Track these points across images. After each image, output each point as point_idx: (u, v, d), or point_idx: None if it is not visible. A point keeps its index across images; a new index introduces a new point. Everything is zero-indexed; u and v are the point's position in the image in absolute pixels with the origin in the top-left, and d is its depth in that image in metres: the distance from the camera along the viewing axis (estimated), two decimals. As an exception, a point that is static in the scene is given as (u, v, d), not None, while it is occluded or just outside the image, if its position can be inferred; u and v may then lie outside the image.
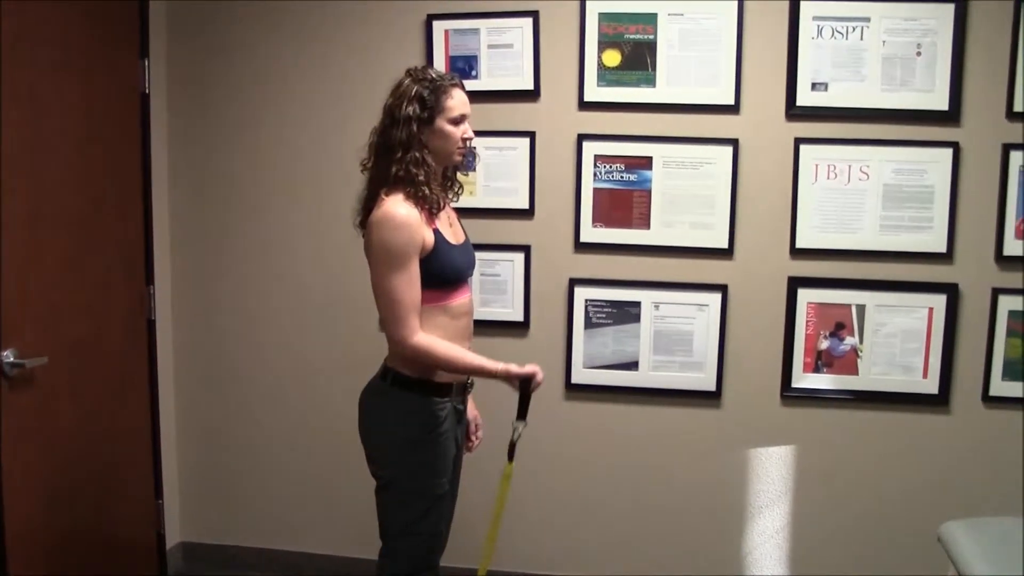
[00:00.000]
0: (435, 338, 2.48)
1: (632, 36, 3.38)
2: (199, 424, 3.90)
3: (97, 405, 3.31)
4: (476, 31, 3.48)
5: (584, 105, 3.43)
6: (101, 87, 3.31)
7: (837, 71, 3.29)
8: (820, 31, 3.28)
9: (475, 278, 2.73)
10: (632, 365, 3.51)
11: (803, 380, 3.42)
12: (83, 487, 3.26)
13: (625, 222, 3.45)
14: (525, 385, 2.57)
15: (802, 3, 3.27)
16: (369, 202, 2.56)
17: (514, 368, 2.55)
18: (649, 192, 3.43)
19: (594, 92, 3.42)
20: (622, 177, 3.43)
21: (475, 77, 3.47)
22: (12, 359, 2.84)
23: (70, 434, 3.17)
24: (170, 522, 3.84)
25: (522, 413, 2.60)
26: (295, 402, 3.81)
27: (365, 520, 2.76)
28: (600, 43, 3.40)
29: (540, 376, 2.58)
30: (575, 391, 3.57)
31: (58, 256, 3.09)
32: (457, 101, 2.54)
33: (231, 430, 3.88)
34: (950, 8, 3.20)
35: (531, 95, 3.47)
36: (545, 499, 3.65)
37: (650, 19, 3.36)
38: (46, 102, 3.02)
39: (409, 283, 2.43)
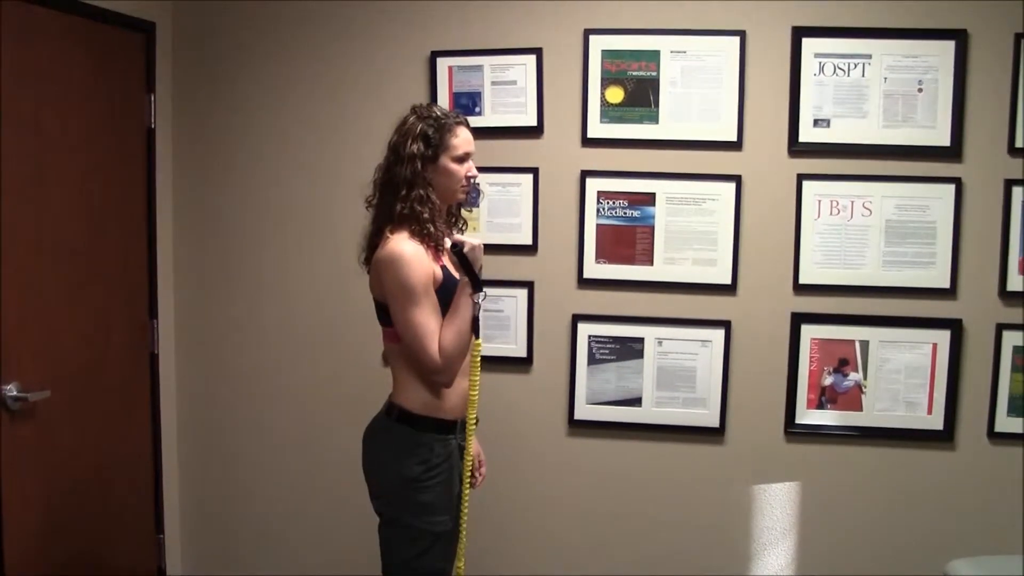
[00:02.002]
0: (441, 336, 2.45)
1: (635, 73, 3.40)
2: (201, 458, 3.89)
3: (98, 438, 3.31)
4: (480, 68, 3.50)
5: (587, 141, 3.45)
6: (107, 121, 3.33)
7: (839, 107, 3.31)
8: (822, 68, 3.30)
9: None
10: (635, 401, 3.50)
11: (807, 416, 3.41)
12: (84, 520, 3.25)
13: (628, 258, 3.46)
14: (460, 254, 2.47)
15: (804, 40, 3.30)
16: (374, 239, 2.56)
17: (452, 261, 2.54)
18: (652, 228, 3.43)
19: (597, 128, 3.44)
20: (625, 213, 3.44)
21: (479, 113, 3.49)
22: (15, 392, 2.85)
23: (71, 466, 3.17)
24: (171, 556, 3.82)
25: (475, 284, 2.49)
26: (298, 435, 3.79)
27: (367, 555, 2.74)
28: (603, 80, 3.42)
29: (458, 236, 2.55)
30: (578, 427, 3.56)
31: (61, 289, 3.10)
32: (461, 139, 2.55)
33: (233, 463, 3.87)
34: (951, 45, 3.22)
35: (534, 131, 3.48)
36: (547, 534, 3.62)
37: (653, 56, 3.39)
38: (52, 136, 3.04)
39: (430, 312, 2.44)
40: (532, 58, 3.45)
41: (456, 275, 2.56)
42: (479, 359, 2.55)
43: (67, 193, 3.13)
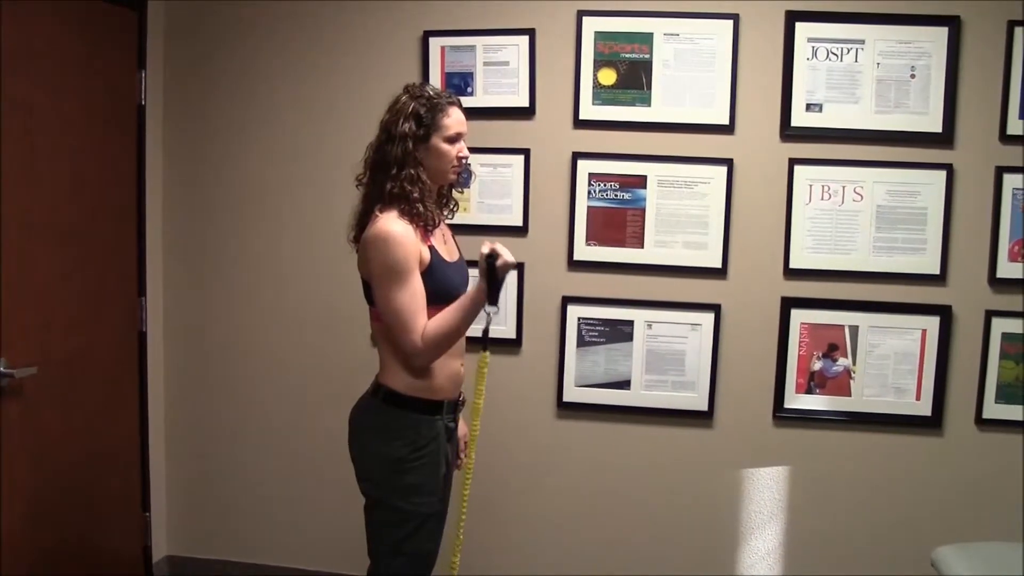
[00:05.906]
0: (430, 323, 2.44)
1: (628, 55, 3.38)
2: (188, 437, 3.88)
3: (86, 416, 3.30)
4: (472, 48, 3.48)
5: (579, 123, 3.44)
6: (97, 98, 3.31)
7: (831, 92, 3.30)
8: (815, 52, 3.29)
9: (468, 295, 2.72)
10: (624, 384, 3.50)
11: (796, 401, 3.41)
12: (70, 498, 3.24)
13: (619, 241, 3.45)
14: (491, 265, 2.42)
15: (797, 24, 3.28)
16: (363, 218, 2.55)
17: (480, 267, 2.44)
18: (643, 211, 3.42)
19: (589, 110, 3.43)
20: (616, 195, 3.43)
21: (471, 94, 3.47)
22: (1, 369, 2.83)
23: (58, 445, 3.16)
24: (157, 535, 3.82)
25: (493, 298, 2.45)
26: (285, 416, 3.79)
27: (353, 537, 2.73)
28: (596, 62, 3.40)
29: (498, 246, 2.43)
30: (567, 409, 3.56)
31: (50, 266, 3.09)
32: (453, 119, 2.53)
33: (220, 443, 3.86)
34: (944, 31, 3.22)
35: (526, 112, 3.47)
36: (535, 517, 3.63)
37: (646, 39, 3.37)
38: (42, 113, 3.02)
39: (414, 295, 2.42)
40: (525, 39, 3.43)
41: (445, 257, 2.55)
42: (485, 371, 2.52)
43: (57, 170, 3.10)
